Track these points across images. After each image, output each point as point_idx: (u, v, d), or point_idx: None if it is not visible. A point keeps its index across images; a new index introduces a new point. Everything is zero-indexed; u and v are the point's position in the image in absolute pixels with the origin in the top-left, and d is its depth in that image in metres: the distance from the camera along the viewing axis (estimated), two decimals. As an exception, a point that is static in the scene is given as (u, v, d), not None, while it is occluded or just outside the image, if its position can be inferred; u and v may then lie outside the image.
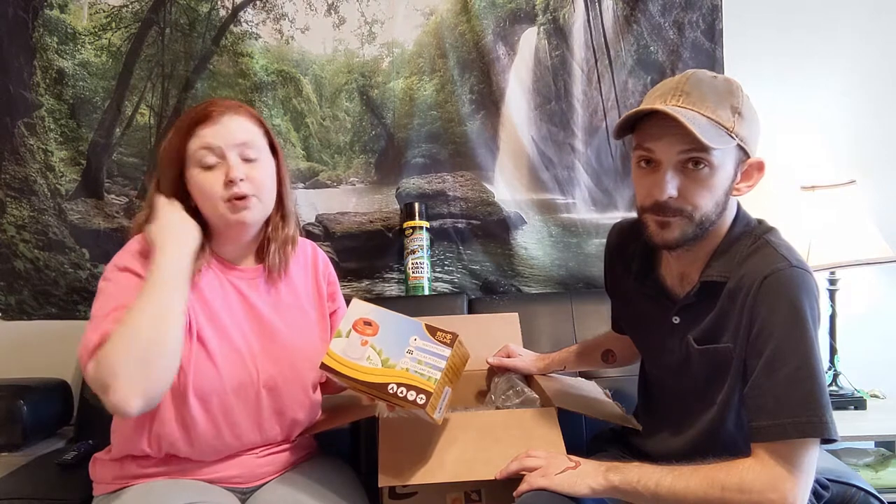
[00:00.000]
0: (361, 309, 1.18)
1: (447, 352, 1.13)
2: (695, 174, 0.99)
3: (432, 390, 1.08)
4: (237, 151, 1.14)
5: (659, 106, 0.97)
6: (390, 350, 1.13)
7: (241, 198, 1.13)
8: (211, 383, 1.13)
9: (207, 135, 1.13)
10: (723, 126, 0.97)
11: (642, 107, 0.99)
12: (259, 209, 1.17)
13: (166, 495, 1.11)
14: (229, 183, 1.12)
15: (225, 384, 1.14)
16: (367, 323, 1.16)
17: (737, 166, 1.01)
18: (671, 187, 1.00)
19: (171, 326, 1.05)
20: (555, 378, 1.47)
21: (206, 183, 1.13)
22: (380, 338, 1.14)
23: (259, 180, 1.15)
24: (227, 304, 1.19)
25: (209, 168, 1.13)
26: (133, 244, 1.17)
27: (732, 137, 0.98)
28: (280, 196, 1.24)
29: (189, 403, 1.12)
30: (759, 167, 1.03)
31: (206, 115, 1.14)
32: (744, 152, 1.01)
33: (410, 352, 1.13)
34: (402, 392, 1.08)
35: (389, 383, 1.09)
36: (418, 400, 1.07)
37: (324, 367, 1.13)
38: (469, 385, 1.48)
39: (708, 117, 0.97)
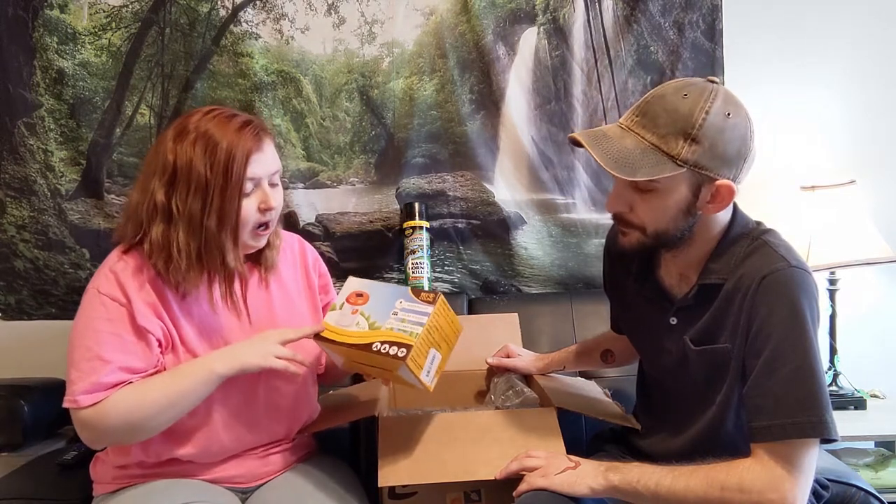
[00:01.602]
0: (355, 284, 1.24)
1: (429, 309, 1.15)
2: (643, 195, 1.01)
3: (413, 343, 1.10)
4: (268, 179, 1.16)
5: (578, 135, 1.01)
6: (377, 315, 1.17)
7: (266, 226, 1.16)
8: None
9: (254, 164, 1.11)
10: (666, 153, 0.97)
11: (573, 134, 1.02)
12: (272, 230, 1.20)
13: (166, 495, 1.11)
14: (266, 211, 1.14)
15: (221, 387, 1.14)
16: (359, 294, 1.21)
17: (696, 189, 0.99)
18: (619, 203, 1.05)
19: (175, 417, 1.10)
20: (554, 378, 1.47)
21: (243, 211, 1.12)
22: (369, 306, 1.19)
23: (280, 205, 1.18)
24: (219, 308, 1.19)
25: (246, 195, 1.12)
26: (117, 263, 1.14)
27: (679, 165, 0.96)
28: None
29: (182, 419, 1.12)
30: (729, 191, 0.99)
31: (253, 144, 1.11)
32: (705, 176, 0.98)
33: (395, 313, 1.16)
34: (384, 349, 1.11)
35: (374, 342, 1.12)
36: (399, 353, 1.09)
37: (318, 338, 1.17)
38: (469, 385, 1.49)
39: (650, 143, 0.98)
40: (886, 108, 1.97)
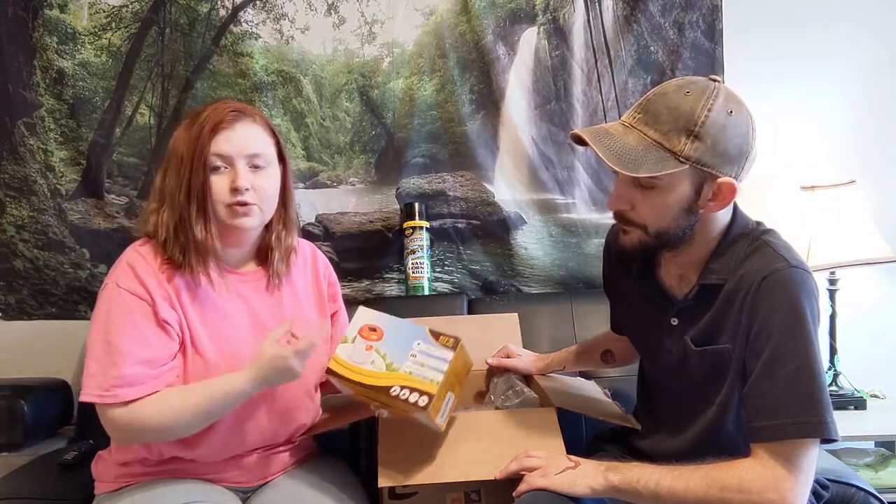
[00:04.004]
0: (367, 316, 1.20)
1: (449, 355, 1.14)
2: (645, 192, 1.01)
3: (434, 392, 1.09)
4: (246, 160, 1.15)
5: (581, 132, 1.01)
6: (394, 354, 1.15)
7: (243, 205, 1.14)
8: None
9: (221, 141, 1.13)
10: (669, 150, 0.97)
11: (576, 131, 1.02)
12: (258, 217, 1.18)
13: (167, 494, 1.11)
14: (234, 190, 1.13)
15: None
16: (373, 329, 1.18)
17: (698, 186, 0.99)
18: (620, 201, 1.05)
19: (206, 424, 1.11)
20: (554, 378, 1.47)
21: (213, 187, 1.13)
22: (384, 343, 1.16)
23: (263, 190, 1.17)
24: (229, 309, 1.19)
25: (216, 171, 1.14)
26: (133, 256, 1.15)
27: (681, 161, 0.96)
28: (284, 204, 1.25)
29: None
30: (731, 189, 0.99)
31: (223, 119, 1.14)
32: (707, 173, 0.98)
33: (414, 355, 1.14)
34: (404, 394, 1.09)
35: (392, 386, 1.11)
36: (420, 402, 1.08)
37: (329, 371, 1.15)
38: (469, 385, 1.48)
39: (653, 140, 0.98)
40: (886, 108, 1.97)
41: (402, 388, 1.10)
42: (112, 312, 1.10)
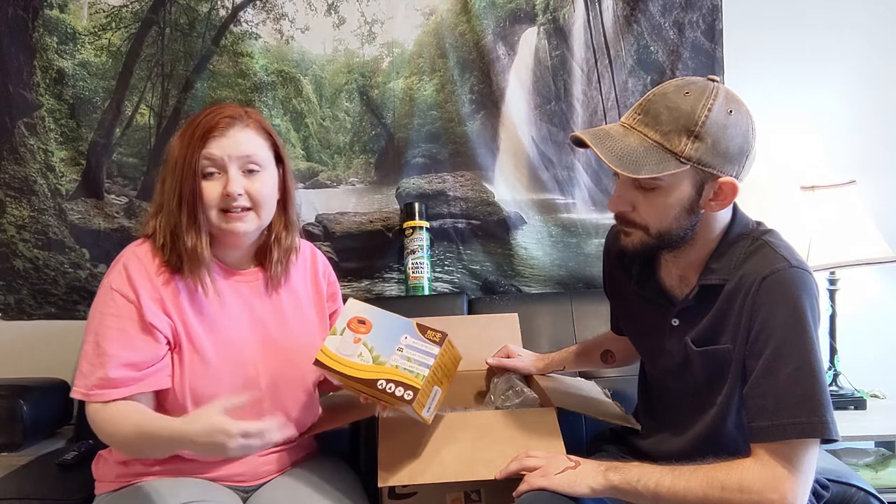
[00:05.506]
0: (357, 308, 1.21)
1: (436, 350, 1.14)
2: (646, 193, 1.01)
3: (419, 387, 1.10)
4: (238, 164, 1.15)
5: (581, 134, 1.01)
6: (381, 348, 1.15)
7: (236, 211, 1.14)
8: (212, 390, 1.13)
9: (212, 146, 1.13)
10: (669, 150, 0.97)
11: (576, 133, 1.02)
12: (254, 222, 1.17)
13: (169, 494, 1.11)
14: (227, 196, 1.13)
15: (226, 389, 1.15)
16: (361, 321, 1.18)
17: (699, 186, 0.99)
18: (621, 203, 1.04)
19: (145, 453, 1.12)
20: (554, 378, 1.47)
21: (204, 191, 1.13)
22: (372, 336, 1.17)
23: (258, 194, 1.16)
24: (228, 309, 1.19)
25: (209, 177, 1.14)
26: (129, 257, 1.15)
27: (682, 162, 0.96)
28: (284, 206, 1.24)
29: (189, 412, 1.12)
30: (732, 189, 0.99)
31: (214, 125, 1.14)
32: (708, 173, 0.98)
33: (401, 349, 1.15)
34: (390, 388, 1.10)
35: (379, 380, 1.11)
36: (405, 396, 1.09)
37: (317, 363, 1.15)
38: (468, 385, 1.48)
39: (654, 141, 0.98)
40: (886, 108, 1.97)
41: (388, 381, 1.11)
42: (104, 314, 1.11)
